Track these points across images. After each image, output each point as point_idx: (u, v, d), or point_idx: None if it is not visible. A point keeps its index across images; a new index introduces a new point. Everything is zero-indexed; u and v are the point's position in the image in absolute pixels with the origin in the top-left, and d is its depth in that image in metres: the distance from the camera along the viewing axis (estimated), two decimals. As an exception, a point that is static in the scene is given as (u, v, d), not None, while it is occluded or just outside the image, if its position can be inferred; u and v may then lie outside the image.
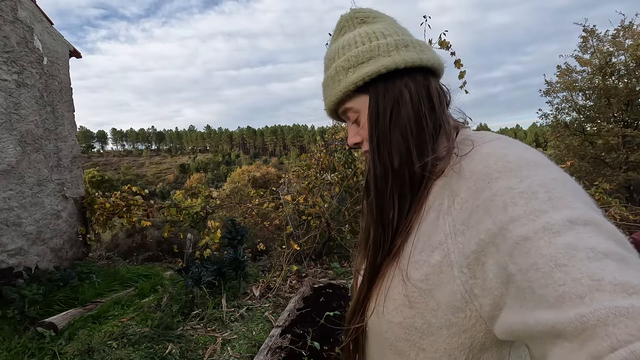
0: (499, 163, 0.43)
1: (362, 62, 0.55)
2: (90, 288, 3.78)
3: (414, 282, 0.47)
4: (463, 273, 0.42)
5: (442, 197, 0.48)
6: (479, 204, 0.42)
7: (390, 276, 0.51)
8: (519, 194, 0.38)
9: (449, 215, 0.46)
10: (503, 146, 0.46)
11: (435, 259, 0.45)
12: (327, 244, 5.16)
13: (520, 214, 0.37)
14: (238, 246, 4.03)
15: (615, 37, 8.63)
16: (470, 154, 0.48)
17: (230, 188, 21.35)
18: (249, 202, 5.45)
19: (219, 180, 75.78)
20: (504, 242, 0.37)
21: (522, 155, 0.43)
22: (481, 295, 0.40)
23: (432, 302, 0.45)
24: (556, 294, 0.31)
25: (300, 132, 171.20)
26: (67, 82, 5.31)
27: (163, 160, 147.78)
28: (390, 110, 0.54)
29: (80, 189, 5.29)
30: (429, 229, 0.48)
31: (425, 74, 0.55)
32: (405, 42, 0.55)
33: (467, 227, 0.43)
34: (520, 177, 0.40)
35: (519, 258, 0.35)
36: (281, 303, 3.56)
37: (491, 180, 0.42)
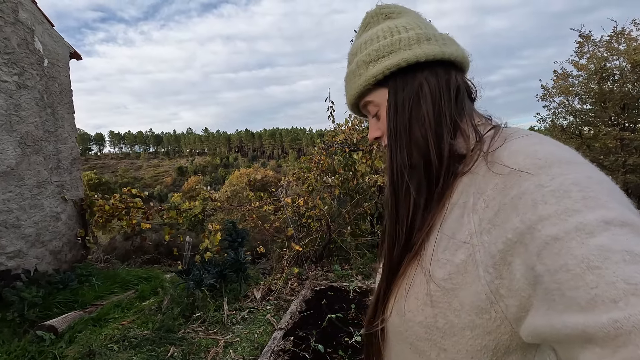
0: (528, 160, 0.41)
1: (383, 55, 0.55)
2: (90, 291, 3.75)
3: (437, 281, 0.46)
4: (489, 273, 0.41)
5: (468, 194, 0.47)
6: (506, 201, 0.40)
7: (411, 274, 0.50)
8: (550, 192, 0.37)
9: (475, 213, 0.44)
10: (533, 142, 0.45)
11: (459, 257, 0.44)
12: (328, 246, 5.16)
13: (551, 212, 0.36)
14: (239, 248, 4.02)
15: (609, 42, 8.72)
16: (498, 150, 0.46)
17: (230, 190, 21.31)
18: (249, 204, 5.43)
19: (217, 183, 75.64)
20: (533, 241, 0.36)
21: (554, 152, 0.42)
22: (507, 296, 0.39)
23: (455, 302, 0.44)
24: (588, 297, 0.30)
25: (299, 135, 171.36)
26: (68, 84, 5.30)
27: (161, 163, 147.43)
28: (409, 103, 0.54)
29: (79, 191, 5.26)
30: (453, 227, 0.47)
31: (448, 68, 0.55)
32: (427, 35, 0.55)
33: (493, 226, 0.41)
34: (552, 174, 0.38)
35: (548, 258, 0.34)
36: (283, 306, 3.55)
37: (520, 178, 0.40)
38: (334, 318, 3.02)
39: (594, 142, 9.63)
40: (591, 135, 9.70)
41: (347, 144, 5.75)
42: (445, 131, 0.52)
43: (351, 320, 3.05)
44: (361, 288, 3.93)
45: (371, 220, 5.52)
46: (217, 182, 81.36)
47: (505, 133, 0.49)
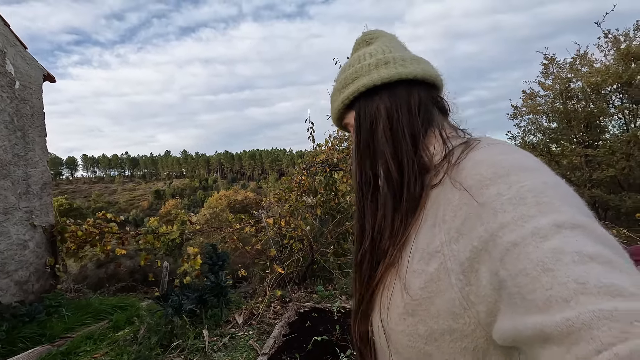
0: (490, 170, 0.44)
1: (348, 83, 0.62)
2: (60, 322, 3.53)
3: (415, 290, 0.47)
4: (459, 280, 0.42)
5: (438, 205, 0.49)
6: (471, 211, 0.42)
7: (390, 285, 0.52)
8: (508, 200, 0.39)
9: (444, 222, 0.46)
10: (496, 152, 0.47)
11: (432, 267, 0.46)
12: (311, 267, 5.10)
13: (509, 220, 0.37)
14: (219, 272, 3.91)
15: (572, 64, 9.36)
16: (463, 161, 0.48)
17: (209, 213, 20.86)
18: (229, 227, 5.33)
19: (196, 206, 73.96)
20: (495, 248, 0.38)
21: (514, 161, 0.44)
22: (477, 302, 0.41)
23: (432, 309, 0.46)
24: (544, 298, 0.31)
25: (279, 156, 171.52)
26: (40, 107, 5.15)
27: (137, 186, 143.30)
28: (368, 124, 0.59)
29: (49, 217, 5.03)
30: (427, 237, 0.48)
31: (410, 87, 0.58)
32: (386, 59, 0.60)
33: (461, 235, 0.43)
34: (509, 183, 0.40)
35: (509, 264, 0.35)
36: (266, 330, 3.44)
37: (482, 187, 0.42)
38: (319, 340, 2.95)
39: (562, 159, 10.12)
40: (559, 152, 10.21)
41: (327, 164, 5.80)
42: (403, 145, 0.55)
43: (336, 342, 2.99)
44: (345, 308, 3.88)
45: (352, 239, 5.51)
46: (195, 205, 79.56)
47: (473, 143, 0.51)
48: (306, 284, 4.97)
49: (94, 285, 6.88)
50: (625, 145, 8.09)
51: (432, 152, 0.55)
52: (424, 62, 0.61)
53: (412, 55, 0.61)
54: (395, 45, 0.64)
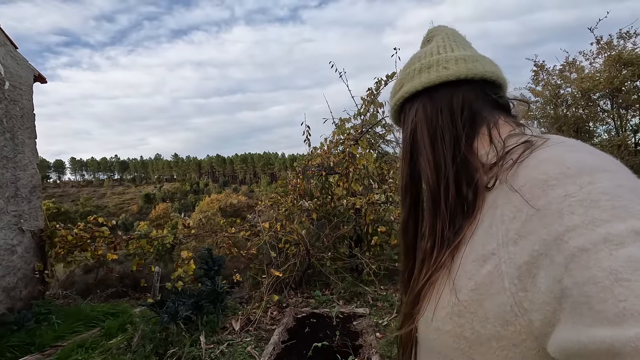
0: (556, 169, 0.40)
1: (397, 89, 0.65)
2: (49, 330, 3.41)
3: (465, 291, 0.46)
4: (514, 285, 0.40)
5: (496, 206, 0.47)
6: (533, 212, 0.40)
7: (441, 285, 0.51)
8: (578, 202, 0.36)
9: (502, 223, 0.44)
10: (563, 150, 0.44)
11: (486, 268, 0.44)
12: (307, 271, 5.04)
13: (578, 223, 0.35)
14: (215, 277, 3.83)
15: (562, 71, 9.52)
16: (526, 160, 0.46)
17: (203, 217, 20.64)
18: (224, 231, 5.25)
19: (187, 210, 73.20)
20: (559, 253, 0.35)
21: (585, 160, 0.40)
22: (531, 310, 0.38)
23: (481, 312, 0.44)
24: (616, 310, 0.29)
25: (271, 159, 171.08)
26: (30, 108, 5.04)
27: (126, 190, 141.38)
28: (410, 129, 0.61)
29: (39, 221, 4.89)
30: (483, 238, 0.47)
31: (454, 88, 0.57)
32: (430, 63, 0.60)
33: (520, 237, 0.40)
34: (580, 184, 0.37)
35: (576, 271, 0.33)
36: (263, 336, 3.38)
37: (547, 187, 0.40)
38: (320, 347, 2.90)
39: (552, 163, 10.26)
40: (550, 157, 10.35)
41: (323, 168, 5.77)
42: (441, 149, 0.55)
43: (337, 348, 2.94)
44: (343, 313, 3.83)
45: (349, 243, 5.48)
46: (186, 208, 78.76)
47: (537, 140, 0.48)
48: (303, 288, 4.91)
49: (81, 292, 6.70)
50: (615, 149, 8.23)
51: (484, 153, 0.53)
52: (475, 59, 0.58)
53: (462, 54, 0.59)
54: (450, 44, 0.63)
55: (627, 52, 8.12)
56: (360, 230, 5.43)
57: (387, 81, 5.68)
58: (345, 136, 5.76)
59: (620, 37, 8.45)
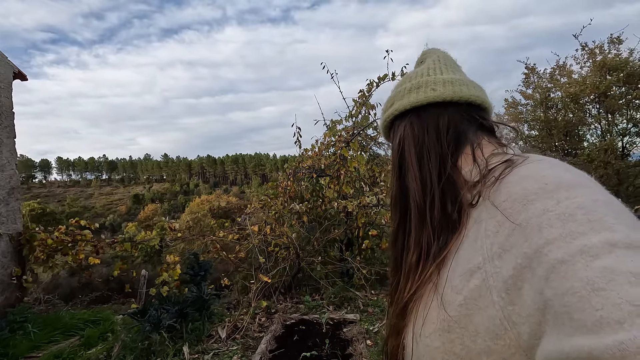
0: (535, 185, 0.42)
1: (388, 106, 0.68)
2: (25, 340, 3.24)
3: (454, 306, 0.46)
4: (502, 298, 0.40)
5: (480, 221, 0.48)
6: (514, 226, 0.41)
7: (428, 300, 0.51)
8: (556, 216, 0.38)
9: (487, 238, 0.45)
10: (543, 167, 0.46)
11: (473, 283, 0.45)
12: (297, 276, 4.94)
13: (556, 236, 0.36)
14: (202, 283, 3.70)
15: (552, 74, 9.62)
16: (508, 176, 0.48)
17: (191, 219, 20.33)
18: (212, 234, 5.12)
19: (177, 210, 72.30)
20: (540, 265, 0.36)
21: (562, 176, 0.42)
22: (519, 323, 0.39)
23: (471, 327, 0.44)
24: (594, 319, 0.30)
25: (262, 160, 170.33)
26: (9, 106, 4.84)
27: (115, 190, 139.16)
28: (398, 146, 0.64)
29: (17, 224, 4.70)
30: (468, 253, 0.48)
31: (441, 109, 0.60)
32: (419, 84, 0.63)
33: (504, 250, 0.42)
34: (558, 199, 0.39)
35: (556, 282, 0.34)
36: (251, 345, 3.27)
37: (527, 202, 0.41)
38: (309, 356, 2.80)
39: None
40: (539, 160, 10.45)
41: (314, 170, 5.67)
42: (427, 167, 0.58)
43: (326, 357, 2.85)
44: (334, 320, 3.75)
45: (340, 246, 5.40)
46: (176, 209, 77.80)
47: (518, 159, 0.51)
48: (292, 293, 4.81)
49: (66, 296, 6.49)
50: (603, 153, 8.33)
51: (468, 171, 0.55)
52: (461, 83, 0.62)
53: (450, 78, 0.62)
54: (440, 66, 0.66)
55: (612, 57, 8.23)
56: (351, 234, 5.35)
57: (379, 83, 5.62)
58: (337, 138, 5.68)
59: (611, 42, 8.56)
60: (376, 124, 5.95)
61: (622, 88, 8.29)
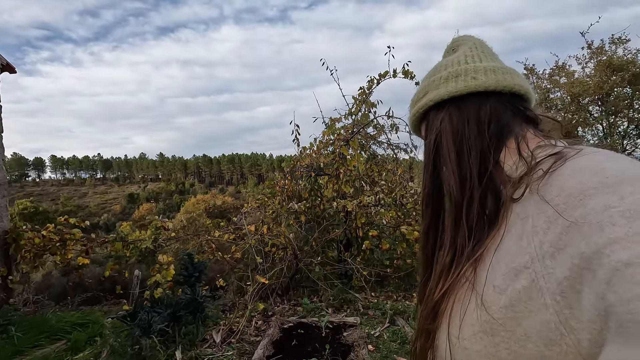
0: (594, 178, 0.39)
1: (421, 96, 0.63)
2: (8, 344, 3.07)
3: (496, 308, 0.44)
4: (556, 301, 0.38)
5: (526, 217, 0.45)
6: (569, 223, 0.38)
7: (465, 300, 0.49)
8: (620, 213, 0.35)
9: (535, 235, 0.42)
10: (601, 160, 0.42)
11: (521, 283, 0.42)
12: (295, 277, 4.80)
13: (621, 235, 0.33)
14: (196, 284, 3.55)
15: (551, 75, 9.56)
16: (559, 169, 0.44)
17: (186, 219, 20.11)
18: (207, 234, 4.96)
19: (172, 210, 71.85)
20: (601, 267, 0.33)
21: (625, 169, 0.39)
22: (578, 329, 0.36)
23: (519, 330, 0.41)
24: None
25: (258, 160, 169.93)
26: (-4, 100, 4.65)
27: (109, 189, 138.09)
28: (434, 138, 0.59)
29: (4, 221, 4.52)
30: (512, 251, 0.45)
31: (482, 99, 0.56)
32: (458, 72, 0.58)
33: (557, 250, 0.39)
34: (621, 194, 0.36)
35: (620, 286, 0.31)
36: (247, 350, 3.12)
37: (585, 197, 0.38)
38: (308, 363, 2.66)
39: (541, 167, 10.31)
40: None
41: (312, 168, 5.54)
42: (467, 160, 0.54)
43: (327, 364, 2.71)
44: (333, 323, 3.61)
45: (338, 247, 5.27)
46: (171, 209, 77.35)
47: (571, 150, 0.47)
48: (290, 295, 4.66)
49: (57, 296, 6.29)
50: (603, 155, 8.29)
51: (511, 165, 0.52)
52: (504, 72, 0.57)
53: (492, 66, 0.58)
54: (478, 54, 0.61)
55: (618, 57, 8.17)
56: (351, 234, 5.22)
57: (380, 80, 5.51)
58: (336, 136, 5.56)
59: (612, 43, 8.51)
60: (376, 122, 5.84)
61: (627, 88, 8.24)
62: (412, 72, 5.21)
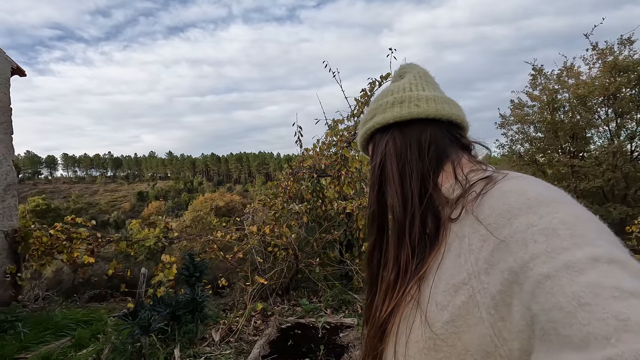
0: (519, 200, 0.43)
1: (369, 118, 0.67)
2: (14, 340, 3.18)
3: (439, 324, 0.45)
4: (491, 315, 0.40)
5: (463, 236, 0.48)
6: (499, 242, 0.41)
7: (410, 318, 0.50)
8: (540, 231, 0.38)
9: (471, 253, 0.45)
10: (523, 184, 0.47)
11: (460, 299, 0.44)
12: (295, 277, 4.85)
13: (541, 251, 0.36)
14: (196, 284, 3.62)
15: (559, 76, 9.44)
16: (490, 191, 0.48)
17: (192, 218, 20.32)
18: (210, 234, 5.04)
19: (180, 208, 72.56)
20: (526, 280, 0.36)
21: (543, 193, 0.43)
22: (510, 339, 0.38)
23: (459, 345, 0.43)
24: (581, 335, 0.30)
25: (266, 159, 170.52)
26: (7, 102, 4.80)
27: (119, 187, 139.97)
28: (379, 160, 0.63)
29: (13, 220, 4.66)
30: (451, 268, 0.47)
31: (424, 125, 0.60)
32: (403, 98, 0.62)
33: (490, 266, 0.42)
34: (540, 214, 0.40)
35: (542, 297, 0.34)
36: (244, 349, 3.18)
37: (511, 217, 0.42)
38: (302, 363, 2.71)
39: (547, 169, 10.18)
40: (545, 162, 10.27)
41: (315, 170, 5.58)
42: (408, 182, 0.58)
43: (320, 365, 2.76)
44: (330, 324, 3.65)
45: (340, 248, 5.30)
46: (180, 207, 78.07)
47: (499, 175, 0.51)
48: (290, 295, 4.72)
49: (67, 291, 6.42)
50: (611, 156, 8.15)
51: (448, 187, 0.56)
52: (444, 101, 0.62)
53: (432, 95, 0.62)
54: (421, 82, 0.66)
55: (623, 58, 8.04)
56: (352, 235, 5.25)
57: (382, 82, 5.52)
58: (338, 138, 5.59)
59: (621, 43, 8.37)
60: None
61: (634, 89, 8.10)
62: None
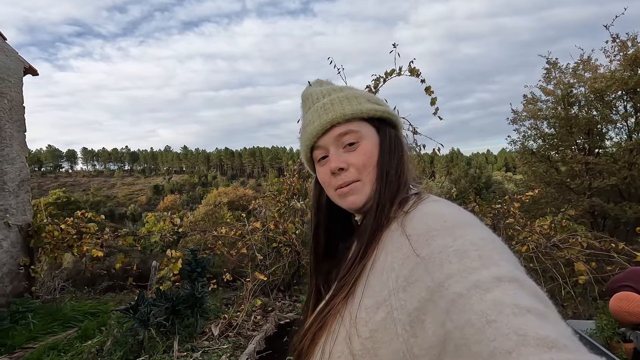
0: (437, 222, 0.46)
1: (377, 102, 0.63)
2: (24, 330, 3.33)
3: (360, 340, 0.46)
4: (405, 331, 0.42)
5: (387, 252, 0.50)
6: (419, 260, 0.43)
7: (335, 332, 0.51)
8: (454, 252, 0.41)
9: (393, 271, 0.46)
10: (440, 207, 0.50)
11: (380, 316, 0.45)
12: (297, 274, 4.91)
13: (454, 271, 0.39)
14: (197, 279, 3.71)
15: (575, 69, 9.12)
16: (412, 212, 0.51)
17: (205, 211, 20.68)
18: (213, 230, 5.13)
19: (195, 202, 73.77)
20: (442, 299, 0.38)
21: (457, 216, 0.47)
22: (420, 355, 0.40)
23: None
24: (488, 350, 0.31)
25: (279, 154, 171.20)
26: (19, 101, 4.96)
27: (136, 181, 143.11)
28: (397, 149, 0.61)
29: (27, 215, 4.84)
30: (375, 285, 0.48)
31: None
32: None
33: (409, 284, 0.43)
34: (454, 236, 0.43)
35: (455, 314, 0.35)
36: (242, 344, 3.25)
37: (430, 238, 0.44)
38: None
39: (561, 166, 9.91)
40: (558, 159, 9.99)
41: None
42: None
43: (313, 361, 2.80)
44: (329, 321, 3.69)
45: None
46: (194, 201, 79.39)
47: (423, 194, 0.55)
48: (291, 291, 4.78)
49: (86, 281, 6.65)
50: (628, 153, 7.88)
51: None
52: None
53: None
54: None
55: (645, 51, 7.72)
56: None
57: (387, 78, 5.47)
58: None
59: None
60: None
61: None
62: (418, 70, 5.13)
